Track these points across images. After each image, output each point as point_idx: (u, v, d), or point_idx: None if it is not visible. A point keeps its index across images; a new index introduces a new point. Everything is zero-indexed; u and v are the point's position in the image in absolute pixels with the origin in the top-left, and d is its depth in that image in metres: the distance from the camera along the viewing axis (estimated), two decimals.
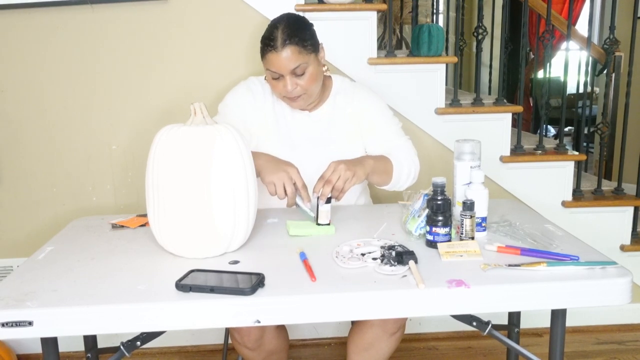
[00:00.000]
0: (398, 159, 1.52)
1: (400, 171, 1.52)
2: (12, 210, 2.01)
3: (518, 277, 1.07)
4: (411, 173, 1.55)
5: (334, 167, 1.35)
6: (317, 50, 1.48)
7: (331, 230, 1.33)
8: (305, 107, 1.56)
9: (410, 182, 1.57)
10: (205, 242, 1.18)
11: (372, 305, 1.03)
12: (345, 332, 1.64)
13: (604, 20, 4.09)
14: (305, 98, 1.49)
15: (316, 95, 1.53)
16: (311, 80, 1.46)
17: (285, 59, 1.40)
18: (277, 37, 1.40)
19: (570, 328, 2.18)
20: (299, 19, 1.47)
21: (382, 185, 1.53)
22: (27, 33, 1.88)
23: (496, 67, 2.56)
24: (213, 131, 1.17)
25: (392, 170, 1.50)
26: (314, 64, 1.46)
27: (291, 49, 1.40)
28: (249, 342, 1.37)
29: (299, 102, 1.50)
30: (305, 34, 1.44)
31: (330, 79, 1.62)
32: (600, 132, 2.23)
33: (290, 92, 1.45)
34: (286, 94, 1.46)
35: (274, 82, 1.47)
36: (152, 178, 1.18)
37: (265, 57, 1.44)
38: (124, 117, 1.96)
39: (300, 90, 1.46)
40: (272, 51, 1.41)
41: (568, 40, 2.18)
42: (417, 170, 1.58)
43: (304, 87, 1.46)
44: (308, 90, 1.47)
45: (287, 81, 1.43)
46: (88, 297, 1.02)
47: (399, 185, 1.55)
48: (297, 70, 1.42)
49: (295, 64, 1.41)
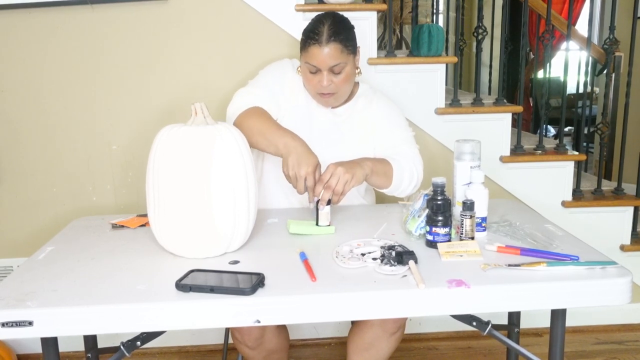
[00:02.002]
0: (399, 163, 1.52)
1: (401, 175, 1.51)
2: (12, 210, 2.01)
3: (518, 277, 1.07)
4: (413, 179, 1.54)
5: (332, 170, 1.35)
6: (355, 52, 1.51)
7: (331, 230, 1.34)
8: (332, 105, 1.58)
9: (412, 190, 1.56)
10: (205, 242, 1.18)
11: (372, 305, 1.03)
12: (345, 332, 1.64)
13: (604, 20, 4.10)
14: (336, 97, 1.52)
15: (345, 97, 1.56)
16: (345, 80, 1.49)
17: (327, 55, 1.43)
18: (323, 32, 1.43)
19: (570, 328, 2.18)
20: (345, 19, 1.51)
21: (382, 188, 1.53)
22: (27, 33, 1.88)
23: (496, 67, 2.56)
24: (213, 131, 1.17)
25: (392, 174, 1.50)
26: (351, 65, 1.49)
27: (335, 46, 1.43)
28: (249, 341, 1.37)
29: (330, 99, 1.52)
30: (349, 34, 1.48)
31: (357, 85, 1.65)
32: (600, 132, 2.23)
33: (324, 88, 1.47)
34: (320, 89, 1.48)
35: (309, 75, 1.49)
36: (153, 178, 1.18)
37: (306, 50, 1.46)
38: (124, 117, 1.96)
39: (334, 88, 1.49)
40: (316, 45, 1.43)
41: (568, 40, 2.18)
42: (419, 179, 1.56)
43: (337, 85, 1.48)
44: (340, 90, 1.50)
45: (324, 76, 1.46)
46: (88, 297, 1.02)
47: (400, 190, 1.54)
48: (336, 68, 1.45)
49: (335, 61, 1.44)
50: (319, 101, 1.55)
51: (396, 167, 1.50)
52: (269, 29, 1.91)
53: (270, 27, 1.91)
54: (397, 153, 1.55)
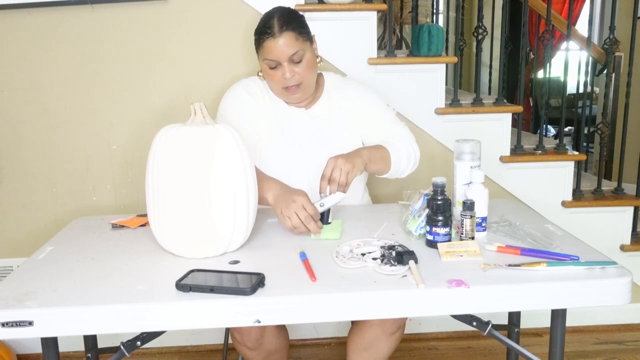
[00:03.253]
0: (395, 146, 1.52)
1: (399, 157, 1.51)
2: (12, 210, 2.01)
3: (518, 277, 1.07)
4: (411, 158, 1.54)
5: (333, 163, 1.35)
6: (311, 40, 1.51)
7: (337, 235, 1.32)
8: (301, 102, 1.56)
9: (412, 168, 1.57)
10: (205, 242, 1.18)
11: (372, 305, 1.03)
12: (345, 332, 1.64)
13: (604, 20, 4.10)
14: (303, 88, 1.50)
15: (312, 88, 1.54)
16: (308, 68, 1.47)
17: (283, 45, 1.42)
18: (274, 24, 1.43)
19: (570, 328, 2.19)
20: (292, 10, 1.50)
21: (383, 173, 1.52)
22: (28, 33, 1.88)
23: (496, 67, 2.56)
24: (213, 131, 1.17)
25: (390, 157, 1.50)
26: (310, 52, 1.48)
27: (288, 34, 1.42)
28: (249, 342, 1.37)
29: (297, 93, 1.50)
30: (300, 22, 1.47)
31: (322, 76, 1.63)
32: (600, 132, 2.23)
33: (288, 80, 1.46)
34: (284, 83, 1.47)
35: (271, 72, 1.47)
36: (152, 178, 1.18)
37: (262, 46, 1.45)
38: (124, 117, 1.96)
39: (298, 79, 1.47)
40: (270, 38, 1.42)
41: (568, 40, 2.18)
42: (417, 156, 1.57)
43: (301, 75, 1.46)
44: (305, 79, 1.48)
45: (286, 68, 1.45)
46: (88, 297, 1.02)
47: (400, 171, 1.54)
48: (295, 57, 1.44)
49: (293, 49, 1.43)
50: (287, 98, 1.54)
51: (392, 150, 1.51)
52: None
53: None
54: (389, 136, 1.55)
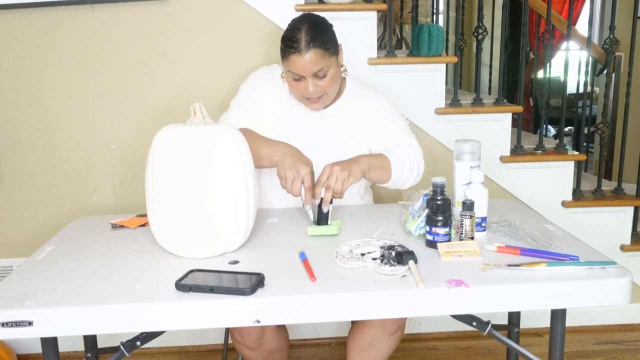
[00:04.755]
0: (398, 155, 1.50)
1: (401, 167, 1.49)
2: (12, 210, 2.01)
3: (518, 277, 1.07)
4: (414, 169, 1.52)
5: (329, 170, 1.34)
6: (337, 52, 1.48)
7: (334, 230, 1.33)
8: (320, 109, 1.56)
9: (415, 180, 1.55)
10: (205, 242, 1.18)
11: (372, 305, 1.03)
12: (345, 332, 1.64)
13: (604, 20, 4.09)
14: (324, 99, 1.50)
15: (332, 97, 1.54)
16: (332, 81, 1.47)
17: (309, 62, 1.40)
18: (301, 39, 1.39)
19: (570, 328, 2.18)
20: (321, 21, 1.47)
21: (383, 182, 1.51)
22: (27, 33, 1.88)
23: (496, 67, 2.56)
24: (213, 131, 1.17)
25: (391, 167, 1.48)
26: (335, 66, 1.46)
27: (314, 52, 1.40)
28: (249, 342, 1.37)
29: (318, 103, 1.51)
30: (328, 36, 1.44)
31: (345, 80, 1.63)
32: (600, 132, 2.23)
33: (311, 93, 1.45)
34: (306, 94, 1.47)
35: (294, 82, 1.47)
36: (152, 178, 1.18)
37: (287, 59, 1.43)
38: (124, 117, 1.96)
39: (320, 91, 1.47)
40: (295, 53, 1.40)
41: (568, 40, 2.18)
42: (420, 168, 1.55)
43: (324, 88, 1.46)
44: (328, 91, 1.48)
45: (309, 83, 1.44)
46: (88, 297, 1.02)
47: (402, 182, 1.52)
48: (319, 73, 1.43)
49: (318, 67, 1.41)
50: (306, 105, 1.54)
51: (394, 159, 1.49)
52: (269, 28, 1.91)
53: (271, 27, 1.91)
54: (395, 145, 1.54)
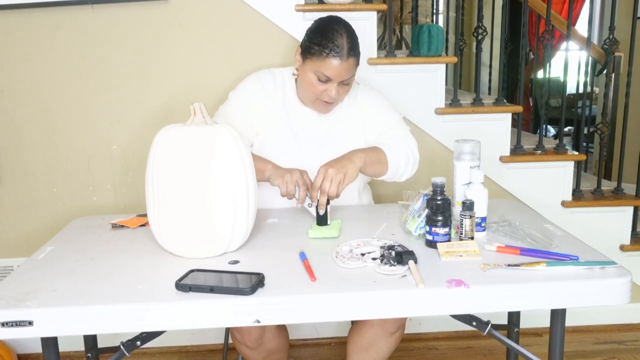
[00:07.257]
0: (392, 147, 1.49)
1: (397, 159, 1.48)
2: (12, 210, 2.01)
3: (517, 277, 1.07)
4: (410, 160, 1.52)
5: (323, 173, 1.33)
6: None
7: (335, 233, 1.32)
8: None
9: (411, 171, 1.54)
10: (205, 242, 1.18)
11: (372, 305, 1.03)
12: (345, 332, 1.64)
13: (603, 20, 4.09)
14: (336, 103, 1.53)
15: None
16: (349, 89, 1.50)
17: (345, 69, 1.42)
18: (343, 45, 1.40)
19: (570, 328, 2.19)
20: (354, 30, 1.47)
21: (380, 175, 1.50)
22: (28, 33, 1.88)
23: (496, 67, 2.56)
24: (213, 131, 1.17)
25: (387, 159, 1.47)
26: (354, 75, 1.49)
27: (353, 61, 1.43)
28: (249, 342, 1.37)
29: (330, 107, 1.53)
30: (359, 47, 1.47)
31: None
32: (600, 132, 2.23)
33: (332, 98, 1.46)
34: (325, 97, 1.47)
35: (316, 83, 1.45)
36: (152, 178, 1.18)
37: (322, 60, 1.41)
38: (124, 117, 1.96)
39: (340, 97, 1.49)
40: (337, 58, 1.40)
41: (568, 40, 2.18)
42: (416, 158, 1.55)
43: (342, 95, 1.49)
44: (342, 98, 1.51)
45: (335, 88, 1.45)
46: (88, 297, 1.02)
47: (398, 174, 1.52)
48: (346, 80, 1.45)
49: (349, 74, 1.45)
50: (317, 107, 1.53)
51: (389, 152, 1.48)
52: (269, 29, 1.91)
53: (271, 27, 1.91)
54: (388, 137, 1.54)
